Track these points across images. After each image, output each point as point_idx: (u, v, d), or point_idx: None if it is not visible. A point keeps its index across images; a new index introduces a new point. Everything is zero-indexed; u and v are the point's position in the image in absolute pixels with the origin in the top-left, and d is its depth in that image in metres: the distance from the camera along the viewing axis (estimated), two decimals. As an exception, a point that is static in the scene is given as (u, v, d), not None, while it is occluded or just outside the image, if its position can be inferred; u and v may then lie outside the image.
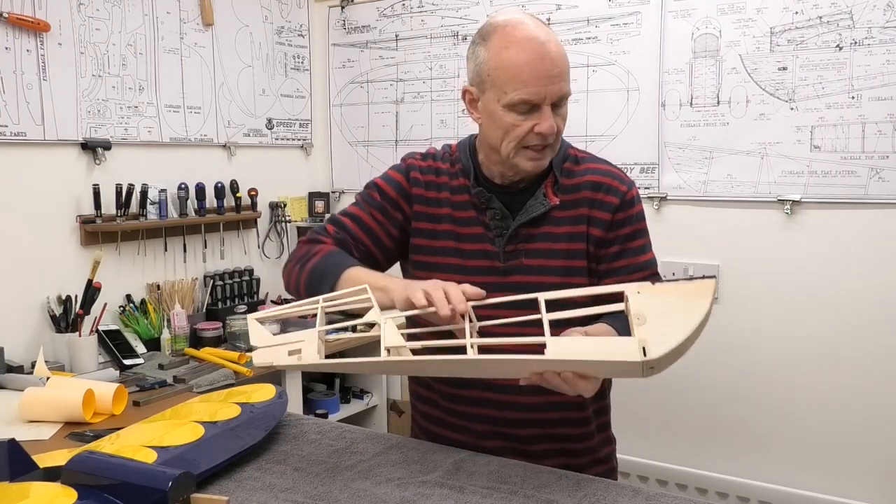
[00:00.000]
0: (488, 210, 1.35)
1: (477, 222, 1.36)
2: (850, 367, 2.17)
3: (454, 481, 1.13)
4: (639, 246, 1.36)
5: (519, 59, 1.23)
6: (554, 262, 1.32)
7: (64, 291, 2.25)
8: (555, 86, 1.23)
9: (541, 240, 1.33)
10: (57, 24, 2.24)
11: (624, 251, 1.34)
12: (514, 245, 1.34)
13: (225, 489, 1.11)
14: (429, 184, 1.40)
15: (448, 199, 1.38)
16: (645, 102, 2.43)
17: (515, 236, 1.33)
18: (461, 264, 1.35)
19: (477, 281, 1.27)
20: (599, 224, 1.33)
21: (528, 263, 1.33)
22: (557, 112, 1.27)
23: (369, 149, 3.08)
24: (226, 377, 2.22)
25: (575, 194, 1.34)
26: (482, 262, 1.34)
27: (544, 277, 1.31)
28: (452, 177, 1.39)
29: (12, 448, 1.06)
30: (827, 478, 2.23)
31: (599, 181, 1.34)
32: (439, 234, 1.38)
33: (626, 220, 1.34)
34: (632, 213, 1.35)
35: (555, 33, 1.28)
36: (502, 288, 1.30)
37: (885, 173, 2.09)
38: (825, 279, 2.20)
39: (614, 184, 1.34)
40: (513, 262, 1.33)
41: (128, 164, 2.45)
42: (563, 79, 1.25)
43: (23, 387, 1.71)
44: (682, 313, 0.96)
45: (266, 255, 2.97)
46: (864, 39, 2.09)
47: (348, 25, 3.07)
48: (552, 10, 2.57)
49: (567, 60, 1.26)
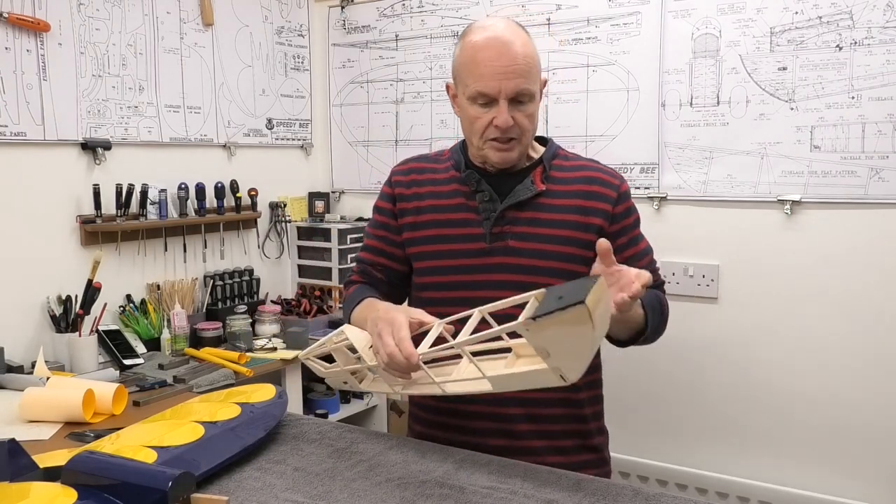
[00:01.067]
0: (477, 193, 1.42)
1: (465, 208, 1.43)
2: (850, 366, 2.17)
3: (454, 481, 1.13)
4: (638, 234, 1.48)
5: (480, 54, 1.33)
6: (541, 246, 1.39)
7: (64, 291, 2.25)
8: (510, 81, 1.31)
9: (527, 224, 1.40)
10: (57, 24, 2.24)
11: (630, 241, 1.44)
12: (501, 227, 1.40)
13: (225, 489, 1.11)
14: (410, 183, 1.51)
15: (431, 192, 1.47)
16: (645, 102, 2.43)
17: (502, 218, 1.40)
18: (447, 249, 1.43)
19: (462, 263, 1.40)
20: (600, 214, 1.41)
21: (514, 245, 1.39)
22: (519, 108, 1.34)
23: (369, 149, 3.08)
24: (226, 377, 2.22)
25: (566, 186, 1.42)
26: (468, 245, 1.42)
27: (530, 260, 1.38)
28: (441, 171, 1.49)
29: (12, 448, 1.06)
30: (827, 478, 2.23)
31: (593, 176, 1.44)
32: (422, 224, 1.46)
33: (626, 211, 1.44)
34: (629, 205, 1.46)
35: (529, 37, 1.37)
36: (487, 269, 1.41)
37: (885, 173, 2.09)
38: (825, 279, 2.20)
39: (608, 178, 1.45)
40: (498, 244, 1.40)
41: (128, 164, 2.46)
42: (521, 76, 1.32)
43: (23, 387, 1.71)
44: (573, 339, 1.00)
45: (266, 255, 2.97)
46: (864, 39, 2.09)
47: (348, 25, 3.07)
48: (552, 10, 2.57)
49: (531, 61, 1.34)
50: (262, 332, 2.69)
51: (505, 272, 1.39)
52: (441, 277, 1.43)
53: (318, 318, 2.79)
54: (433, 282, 1.45)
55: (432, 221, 1.45)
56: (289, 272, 3.10)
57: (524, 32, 1.37)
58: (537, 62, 1.36)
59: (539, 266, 1.38)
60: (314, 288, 3.02)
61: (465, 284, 1.40)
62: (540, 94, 1.40)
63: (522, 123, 1.36)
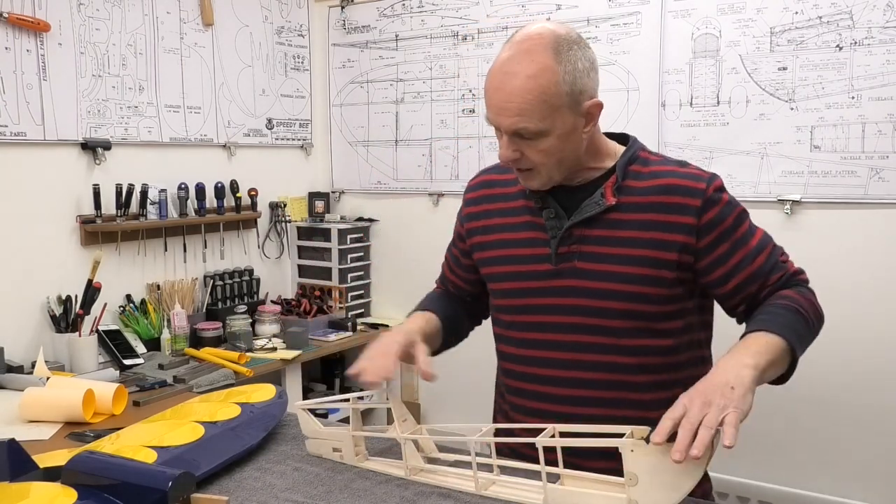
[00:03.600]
0: (544, 210, 1.29)
1: (531, 226, 1.31)
2: (850, 366, 2.17)
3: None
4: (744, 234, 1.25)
5: (488, 82, 1.21)
6: (611, 268, 1.24)
7: (64, 291, 2.25)
8: (505, 119, 1.18)
9: (596, 243, 1.26)
10: (57, 24, 2.24)
11: (734, 246, 1.24)
12: (568, 247, 1.27)
13: (225, 489, 1.11)
14: (479, 199, 1.40)
15: (500, 209, 1.36)
16: (645, 102, 2.43)
17: (568, 237, 1.27)
18: (514, 271, 1.32)
19: (529, 286, 1.30)
20: (683, 230, 1.22)
21: (582, 266, 1.26)
22: (528, 143, 1.20)
23: (369, 149, 3.08)
24: (226, 377, 2.22)
25: (641, 197, 1.25)
26: (534, 267, 1.30)
27: (600, 283, 1.25)
28: (510, 184, 1.36)
29: (12, 448, 1.06)
30: (827, 478, 2.23)
31: (672, 184, 1.24)
32: (490, 244, 1.36)
33: (718, 216, 1.23)
34: (722, 206, 1.24)
35: (555, 62, 1.15)
36: (553, 292, 1.28)
37: (885, 173, 2.09)
38: (825, 279, 2.19)
39: (690, 184, 1.24)
40: (565, 265, 1.27)
41: (128, 164, 2.45)
42: (518, 114, 1.17)
43: (23, 387, 1.71)
44: (673, 477, 0.94)
45: (266, 255, 2.97)
46: (864, 39, 2.09)
47: (348, 25, 3.07)
48: (552, 10, 2.57)
49: (534, 97, 1.15)
50: (261, 332, 2.69)
51: (573, 296, 1.26)
52: (510, 300, 1.34)
53: (318, 318, 2.80)
54: (504, 305, 1.36)
55: (500, 241, 1.35)
56: (289, 272, 3.10)
57: (541, 58, 1.16)
58: (555, 94, 1.16)
59: (609, 290, 1.24)
60: (314, 288, 3.02)
61: (533, 308, 1.30)
62: (579, 121, 1.20)
63: (533, 158, 1.21)
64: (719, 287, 1.26)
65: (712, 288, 1.27)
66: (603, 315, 1.25)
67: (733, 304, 1.28)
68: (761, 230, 1.29)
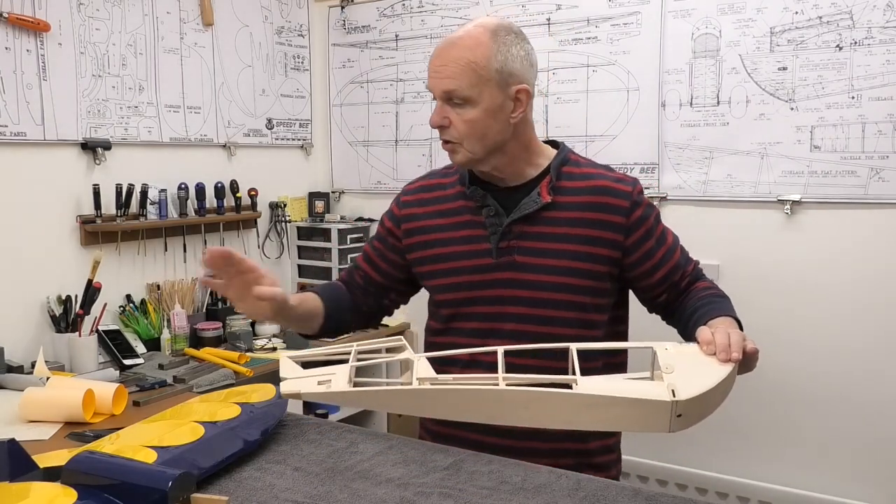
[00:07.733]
0: (483, 208, 1.39)
1: (472, 224, 1.40)
2: (850, 366, 2.17)
3: (454, 481, 1.13)
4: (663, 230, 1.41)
5: (433, 53, 1.34)
6: (549, 261, 1.35)
7: (64, 291, 2.25)
8: (438, 81, 1.31)
9: (534, 238, 1.36)
10: (57, 24, 2.24)
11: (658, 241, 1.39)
12: (508, 242, 1.37)
13: (225, 489, 1.11)
14: (418, 202, 1.48)
15: (439, 210, 1.45)
16: (645, 102, 2.43)
17: (508, 233, 1.37)
18: (455, 267, 1.41)
19: (470, 280, 1.38)
20: (613, 228, 1.36)
21: (521, 261, 1.36)
22: (457, 111, 1.31)
23: (369, 149, 3.08)
24: (226, 377, 2.22)
25: (575, 197, 1.37)
26: (475, 262, 1.39)
27: (538, 276, 1.35)
28: (448, 186, 1.46)
29: (12, 448, 1.06)
30: (827, 478, 2.23)
31: (602, 185, 1.37)
32: (429, 243, 1.45)
33: (643, 214, 1.38)
34: (645, 205, 1.39)
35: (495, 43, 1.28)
36: (495, 284, 1.38)
37: (885, 173, 2.09)
38: (825, 279, 2.20)
39: (618, 186, 1.38)
40: (505, 259, 1.37)
41: (128, 164, 2.45)
42: (450, 77, 1.29)
43: (23, 387, 1.70)
44: (707, 368, 1.02)
45: (266, 256, 2.97)
46: (864, 39, 2.09)
47: (348, 25, 3.07)
48: (552, 10, 2.57)
49: (468, 65, 1.28)
50: (261, 332, 2.69)
51: (512, 287, 1.36)
52: (452, 295, 1.42)
53: (318, 318, 2.79)
54: (444, 300, 1.44)
55: (440, 240, 1.43)
56: (289, 272, 3.10)
57: (479, 36, 1.30)
58: (485, 67, 1.28)
59: (545, 281, 1.35)
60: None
61: (474, 300, 1.39)
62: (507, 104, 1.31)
63: (458, 126, 1.31)
64: (646, 279, 1.40)
65: (639, 280, 1.40)
66: (540, 305, 1.35)
67: (656, 293, 1.41)
68: (669, 228, 1.44)
